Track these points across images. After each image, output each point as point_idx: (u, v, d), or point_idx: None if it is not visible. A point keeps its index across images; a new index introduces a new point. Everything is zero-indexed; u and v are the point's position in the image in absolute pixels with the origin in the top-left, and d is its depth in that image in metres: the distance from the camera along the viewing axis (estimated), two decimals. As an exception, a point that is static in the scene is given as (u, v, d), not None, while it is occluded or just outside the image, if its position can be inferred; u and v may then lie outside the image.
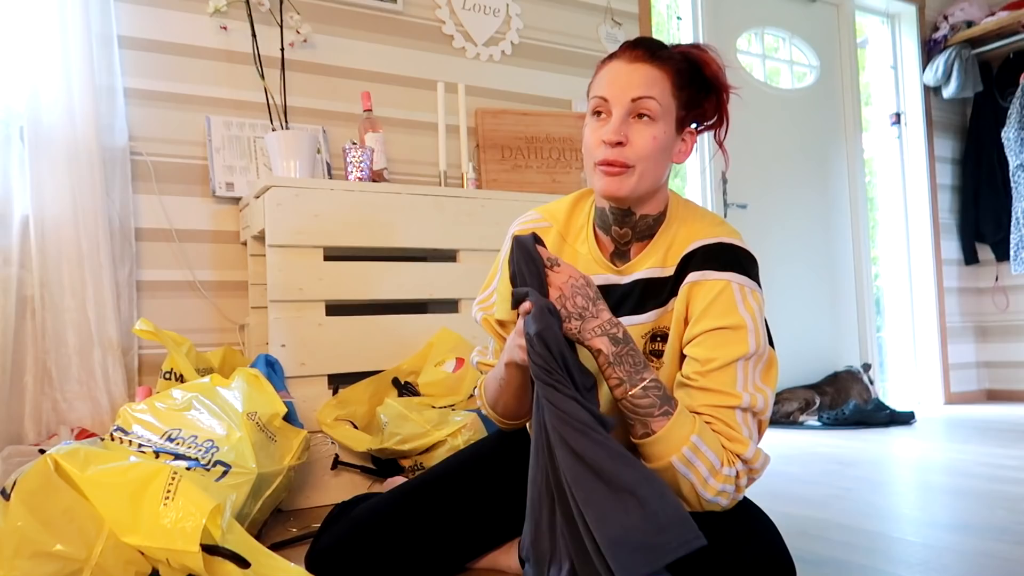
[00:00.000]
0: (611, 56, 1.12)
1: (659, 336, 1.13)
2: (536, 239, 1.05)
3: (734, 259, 1.10)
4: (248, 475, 1.37)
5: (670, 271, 1.13)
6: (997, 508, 1.66)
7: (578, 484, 0.91)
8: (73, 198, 1.99)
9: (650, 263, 1.14)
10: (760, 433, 1.08)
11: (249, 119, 2.33)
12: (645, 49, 1.09)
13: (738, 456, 1.02)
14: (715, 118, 1.17)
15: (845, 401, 3.39)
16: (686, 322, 1.10)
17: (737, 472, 1.02)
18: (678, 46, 1.14)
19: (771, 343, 1.12)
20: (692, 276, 1.10)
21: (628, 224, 1.14)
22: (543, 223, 1.23)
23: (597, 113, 1.10)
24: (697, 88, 1.13)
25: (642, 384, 1.01)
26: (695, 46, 1.14)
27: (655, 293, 1.13)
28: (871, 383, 3.54)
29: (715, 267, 1.09)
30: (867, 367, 3.57)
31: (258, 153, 2.32)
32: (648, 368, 1.03)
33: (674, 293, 1.12)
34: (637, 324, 1.14)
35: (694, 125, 1.17)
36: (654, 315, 1.13)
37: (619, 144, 1.07)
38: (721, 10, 3.50)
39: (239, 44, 2.34)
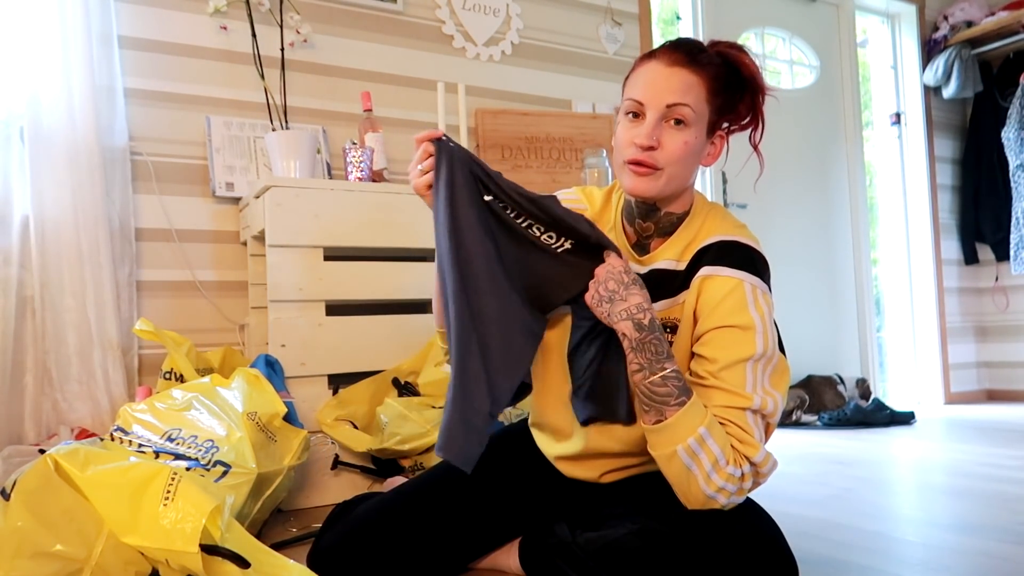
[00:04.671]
0: (650, 55, 1.12)
1: (668, 327, 1.14)
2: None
3: (748, 259, 1.10)
4: (248, 475, 1.37)
5: (684, 264, 1.14)
6: (997, 508, 1.66)
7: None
8: (73, 198, 1.99)
9: (667, 256, 1.16)
10: (767, 437, 1.09)
11: (249, 119, 2.33)
12: (684, 52, 1.09)
13: (747, 459, 1.02)
14: (748, 119, 1.17)
15: (819, 405, 3.38)
16: (696, 315, 1.11)
17: (743, 474, 1.02)
18: (716, 44, 1.13)
19: (782, 350, 1.13)
20: (705, 270, 1.10)
21: (652, 219, 1.16)
22: (580, 204, 1.25)
23: (631, 113, 1.11)
24: (732, 91, 1.13)
25: (662, 373, 1.02)
26: (732, 45, 1.13)
27: (666, 284, 1.15)
28: (846, 390, 3.50)
29: (729, 264, 1.09)
30: (862, 381, 3.54)
31: (258, 153, 2.32)
32: (671, 358, 1.03)
33: (685, 286, 1.12)
34: None
35: (725, 125, 1.17)
36: (663, 305, 1.14)
37: (651, 148, 1.08)
38: (721, 10, 3.50)
39: (239, 44, 2.34)
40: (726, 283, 1.08)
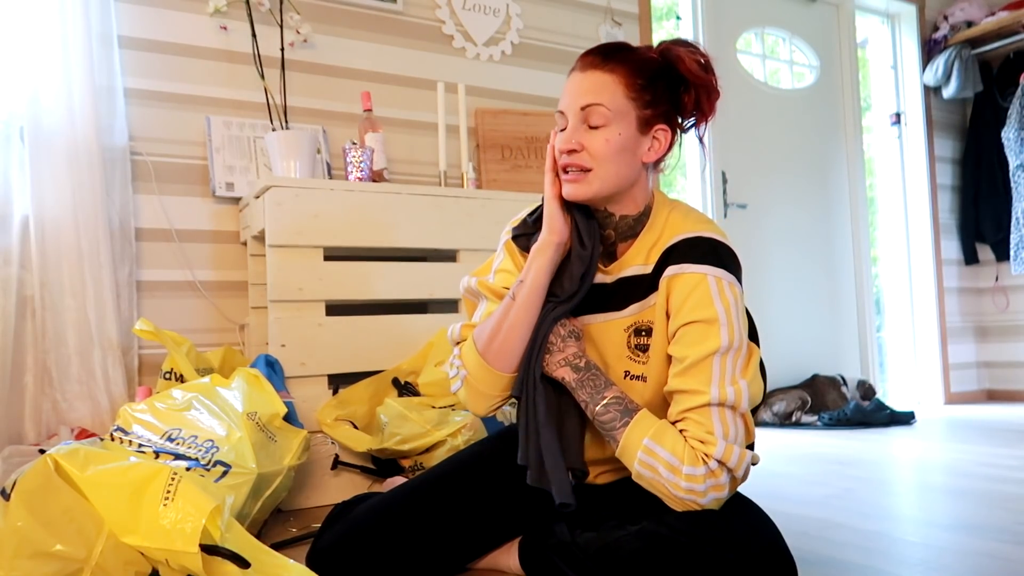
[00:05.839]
0: (573, 67, 1.15)
1: (643, 330, 1.15)
2: None
3: (712, 252, 1.11)
4: (248, 475, 1.37)
5: (650, 267, 1.15)
6: (997, 508, 1.66)
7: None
8: (73, 198, 1.99)
9: (635, 263, 1.17)
10: (748, 428, 1.08)
11: (249, 119, 2.33)
12: (598, 55, 1.11)
13: (710, 456, 1.02)
14: (699, 114, 1.17)
15: (821, 404, 3.38)
16: (668, 315, 1.12)
17: (709, 470, 1.02)
18: (661, 43, 1.14)
19: (755, 337, 1.13)
20: (671, 270, 1.12)
21: (609, 225, 1.17)
22: None
23: (562, 128, 1.13)
24: (668, 85, 1.13)
25: (603, 402, 1.07)
26: (675, 42, 1.14)
27: (635, 289, 1.16)
28: (849, 391, 3.50)
29: (692, 260, 1.11)
30: (863, 383, 3.53)
31: (258, 153, 2.32)
32: (610, 387, 1.09)
33: (654, 287, 1.13)
34: (619, 319, 1.16)
35: (682, 120, 1.17)
36: (634, 309, 1.16)
37: (573, 151, 1.10)
38: (721, 10, 3.50)
39: (239, 44, 2.34)
40: (691, 279, 1.09)
